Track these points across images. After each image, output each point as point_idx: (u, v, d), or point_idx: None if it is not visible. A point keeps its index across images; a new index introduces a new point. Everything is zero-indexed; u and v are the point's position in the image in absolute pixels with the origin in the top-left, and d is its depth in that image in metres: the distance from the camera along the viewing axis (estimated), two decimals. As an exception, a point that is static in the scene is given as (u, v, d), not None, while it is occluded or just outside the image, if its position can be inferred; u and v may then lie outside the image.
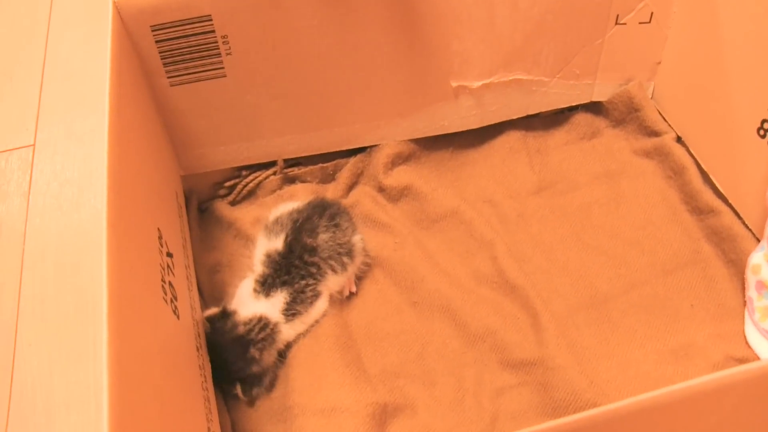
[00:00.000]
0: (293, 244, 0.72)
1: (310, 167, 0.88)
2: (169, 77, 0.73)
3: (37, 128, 1.02)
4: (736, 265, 0.74)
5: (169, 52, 0.71)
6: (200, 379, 0.61)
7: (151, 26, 0.69)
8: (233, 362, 0.67)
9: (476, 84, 0.83)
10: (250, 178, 0.86)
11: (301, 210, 0.75)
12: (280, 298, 0.70)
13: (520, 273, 0.75)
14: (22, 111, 1.05)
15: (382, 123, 0.85)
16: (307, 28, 0.74)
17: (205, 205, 0.87)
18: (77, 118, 1.03)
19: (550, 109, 0.90)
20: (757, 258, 0.71)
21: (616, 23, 0.82)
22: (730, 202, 0.78)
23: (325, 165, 0.88)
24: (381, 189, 0.86)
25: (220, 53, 0.73)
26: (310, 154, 0.86)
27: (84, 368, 0.76)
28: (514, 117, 0.89)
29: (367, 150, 0.87)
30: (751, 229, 0.75)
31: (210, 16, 0.70)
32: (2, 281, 0.85)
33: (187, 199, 0.83)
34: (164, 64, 0.72)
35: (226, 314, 0.68)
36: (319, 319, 0.73)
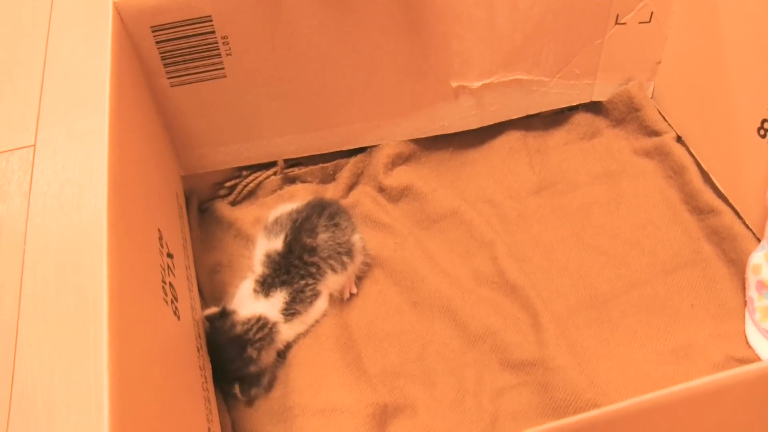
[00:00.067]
0: (293, 244, 0.72)
1: (311, 167, 0.88)
2: (169, 78, 0.74)
3: (37, 128, 1.02)
4: (737, 265, 0.74)
5: (170, 53, 0.72)
6: (201, 380, 0.61)
7: (152, 27, 0.69)
8: (231, 362, 0.67)
9: (476, 84, 0.83)
10: (251, 178, 0.86)
11: (300, 210, 0.75)
12: (280, 297, 0.70)
13: (521, 273, 0.75)
14: (23, 111, 1.05)
15: (382, 123, 0.85)
16: (307, 29, 0.74)
17: (205, 205, 0.87)
18: (78, 119, 1.03)
19: (550, 109, 0.90)
20: (758, 258, 0.71)
21: (616, 23, 0.82)
22: (731, 201, 0.78)
23: (326, 165, 0.88)
24: (381, 189, 0.86)
25: (221, 54, 0.73)
26: (311, 154, 0.86)
27: (84, 368, 0.76)
28: (514, 117, 0.89)
29: (368, 150, 0.88)
30: (751, 229, 0.75)
31: (210, 16, 0.70)
32: (3, 281, 0.85)
33: (187, 200, 0.83)
34: (164, 65, 0.72)
35: (225, 314, 0.68)
36: (319, 319, 0.73)
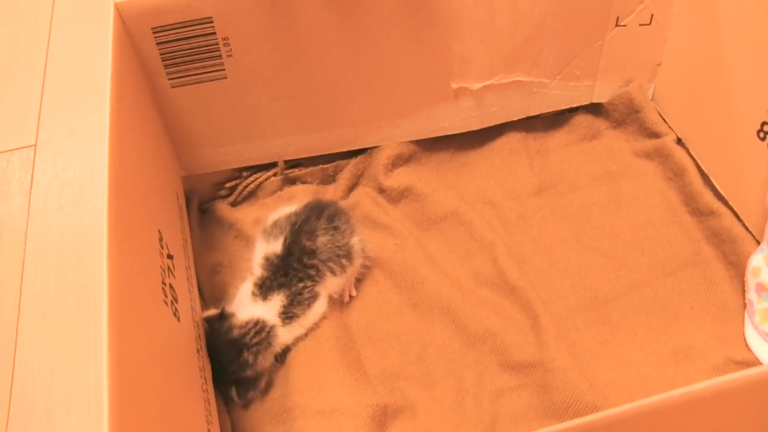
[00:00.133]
0: (292, 246, 0.71)
1: (311, 168, 0.88)
2: (170, 79, 0.74)
3: (38, 128, 1.02)
4: (737, 267, 0.74)
5: (170, 54, 0.72)
6: (200, 381, 0.61)
7: (152, 28, 0.69)
8: (228, 365, 0.67)
9: (477, 85, 0.83)
10: (251, 179, 0.86)
11: (299, 213, 0.74)
12: (277, 301, 0.70)
13: (521, 274, 0.75)
14: (24, 111, 1.05)
15: (383, 124, 0.85)
16: (308, 30, 0.74)
17: (205, 205, 0.87)
18: (78, 119, 1.03)
19: (551, 110, 0.90)
20: (757, 260, 0.71)
21: (617, 25, 0.82)
22: (731, 203, 0.78)
23: (326, 166, 0.88)
24: (381, 190, 0.86)
25: (221, 55, 0.73)
26: (311, 155, 0.86)
27: (84, 369, 0.76)
28: (515, 118, 0.89)
29: (368, 151, 0.88)
30: (751, 231, 0.75)
31: (211, 18, 0.70)
32: (3, 281, 0.85)
33: (187, 200, 0.83)
34: (165, 66, 0.72)
35: (224, 316, 0.68)
36: (318, 322, 0.73)
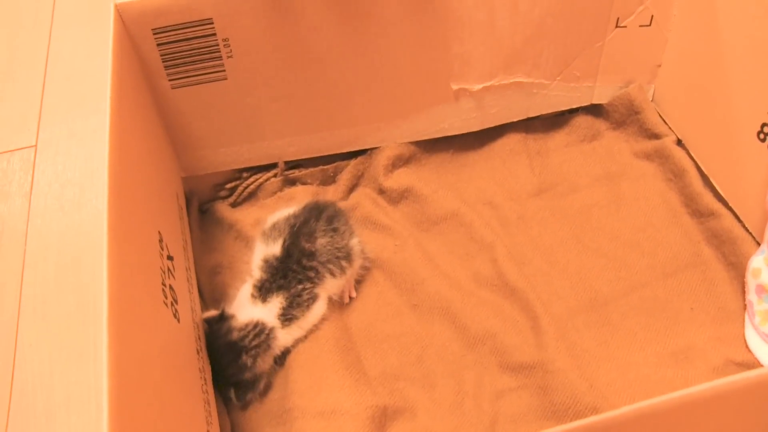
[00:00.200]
0: (291, 248, 0.71)
1: (311, 169, 0.88)
2: (170, 80, 0.74)
3: (39, 129, 1.03)
4: (737, 268, 0.74)
5: (171, 55, 0.72)
6: (200, 382, 0.61)
7: (153, 29, 0.69)
8: (227, 367, 0.67)
9: (477, 86, 0.83)
10: (251, 179, 0.86)
11: (298, 215, 0.74)
12: (276, 302, 0.70)
13: (520, 275, 0.75)
14: (24, 112, 1.05)
15: (383, 125, 0.85)
16: (308, 31, 0.74)
17: (205, 206, 0.87)
18: (79, 119, 1.03)
19: (551, 111, 0.90)
20: (757, 261, 0.71)
21: (617, 26, 0.82)
22: (731, 205, 0.78)
23: (326, 167, 0.88)
24: (381, 191, 0.86)
25: (221, 56, 0.73)
26: (311, 156, 0.86)
27: (84, 369, 0.76)
28: (515, 119, 0.89)
29: (368, 152, 0.88)
30: (751, 233, 0.75)
31: (211, 19, 0.70)
32: (4, 281, 0.85)
33: (188, 201, 0.83)
34: (165, 67, 0.72)
35: (224, 318, 0.68)
36: (318, 324, 0.72)
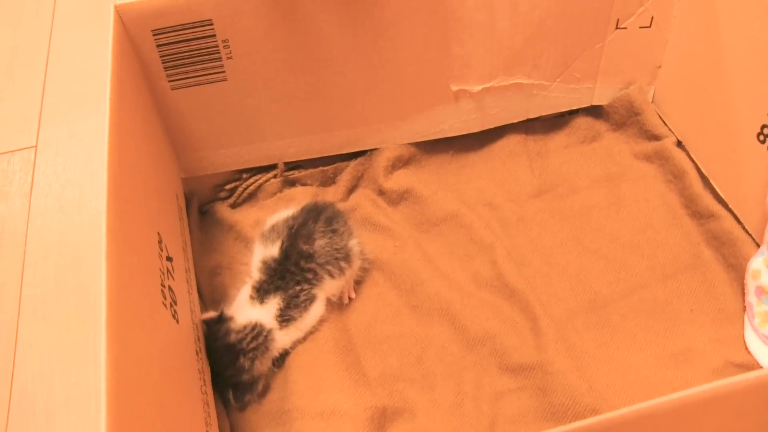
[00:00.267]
0: (289, 250, 0.71)
1: (311, 170, 0.88)
2: (170, 81, 0.74)
3: (39, 129, 1.03)
4: (736, 270, 0.74)
5: (170, 56, 0.72)
6: (199, 383, 0.61)
7: (153, 30, 0.69)
8: (225, 369, 0.67)
9: (477, 88, 0.83)
10: (251, 180, 0.86)
11: (296, 216, 0.74)
12: (274, 304, 0.70)
13: (520, 277, 0.75)
14: (25, 112, 1.05)
15: (383, 126, 0.85)
16: (308, 32, 0.74)
17: (205, 207, 0.87)
18: (79, 120, 1.03)
19: (551, 112, 0.90)
20: (757, 263, 0.71)
21: (617, 27, 0.82)
22: (730, 206, 0.78)
23: (326, 168, 0.88)
24: (381, 192, 0.86)
25: (221, 57, 0.73)
26: (311, 157, 0.86)
27: (84, 369, 0.76)
28: (515, 120, 0.89)
29: (368, 153, 0.88)
30: (750, 234, 0.75)
31: (211, 20, 0.70)
32: (4, 282, 0.85)
33: (187, 202, 0.83)
34: (165, 68, 0.72)
35: (223, 319, 0.68)
36: (317, 325, 0.72)
